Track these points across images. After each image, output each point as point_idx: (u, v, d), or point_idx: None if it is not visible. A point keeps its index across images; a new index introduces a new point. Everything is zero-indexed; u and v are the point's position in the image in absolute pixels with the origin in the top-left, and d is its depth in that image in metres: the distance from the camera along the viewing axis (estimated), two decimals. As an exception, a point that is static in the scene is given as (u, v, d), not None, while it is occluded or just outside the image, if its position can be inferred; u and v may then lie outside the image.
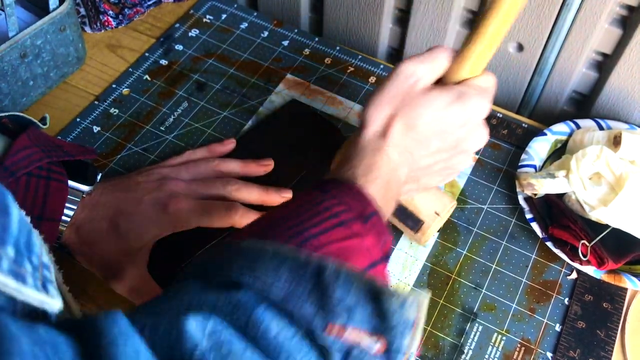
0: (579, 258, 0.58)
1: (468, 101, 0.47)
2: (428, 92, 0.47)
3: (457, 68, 0.48)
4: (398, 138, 0.46)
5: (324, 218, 0.39)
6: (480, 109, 0.48)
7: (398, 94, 0.46)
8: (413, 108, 0.46)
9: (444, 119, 0.47)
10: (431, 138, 0.47)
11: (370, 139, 0.46)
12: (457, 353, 0.56)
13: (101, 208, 0.56)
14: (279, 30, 0.80)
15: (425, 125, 0.46)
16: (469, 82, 0.48)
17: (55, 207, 0.53)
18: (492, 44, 0.48)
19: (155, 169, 0.61)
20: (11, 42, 0.65)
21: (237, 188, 0.59)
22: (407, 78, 0.47)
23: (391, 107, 0.46)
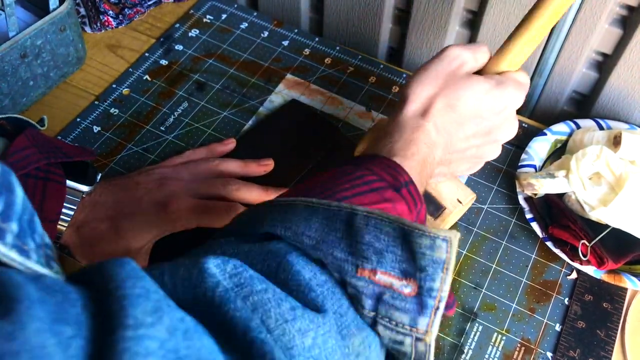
0: (579, 258, 0.58)
1: (506, 90, 0.49)
2: (470, 76, 0.49)
3: (498, 60, 0.51)
4: (438, 117, 0.47)
5: (356, 184, 0.40)
6: (516, 100, 0.50)
7: (442, 74, 0.48)
8: (455, 89, 0.47)
9: (483, 104, 0.48)
10: (468, 121, 0.48)
11: (411, 115, 0.47)
12: (457, 353, 0.56)
13: (101, 208, 0.56)
14: (279, 30, 0.80)
15: (464, 107, 0.48)
16: (507, 74, 0.50)
17: (53, 208, 0.53)
18: (535, 40, 0.50)
19: (156, 169, 0.61)
20: (11, 42, 0.65)
21: (237, 188, 0.59)
22: (452, 60, 0.49)
23: (434, 86, 0.48)
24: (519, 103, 0.51)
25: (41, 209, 0.51)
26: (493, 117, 0.49)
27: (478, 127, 0.49)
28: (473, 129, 0.49)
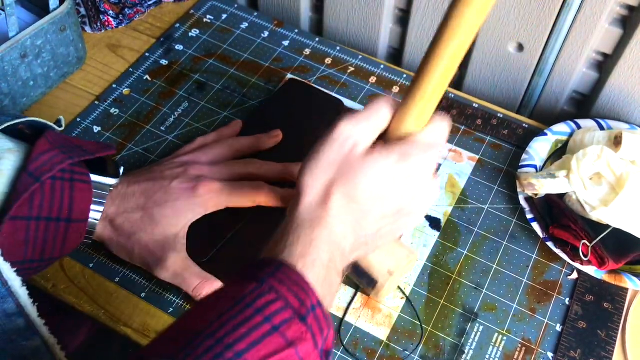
0: (579, 258, 0.58)
1: (410, 162, 0.44)
2: (368, 157, 0.43)
3: (400, 123, 0.45)
4: (338, 208, 0.43)
5: (254, 325, 0.36)
6: (425, 167, 0.45)
7: (335, 161, 0.43)
8: (352, 176, 0.43)
9: (386, 184, 0.43)
10: (373, 207, 0.44)
11: (307, 210, 0.43)
12: (457, 353, 0.56)
13: (131, 199, 0.57)
14: (279, 30, 0.80)
15: (366, 193, 0.43)
16: (412, 138, 0.45)
17: (82, 208, 0.53)
18: (435, 96, 0.44)
19: (174, 158, 0.62)
20: (11, 42, 0.65)
21: (259, 167, 0.61)
22: (344, 143, 0.43)
23: (328, 175, 0.43)
24: (430, 167, 0.45)
25: (71, 210, 0.52)
26: (401, 195, 0.45)
27: (386, 209, 0.45)
28: (380, 212, 0.44)
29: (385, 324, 0.57)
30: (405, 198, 0.45)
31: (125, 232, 0.56)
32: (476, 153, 0.69)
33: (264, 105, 0.71)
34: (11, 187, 0.49)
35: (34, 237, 0.50)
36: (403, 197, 0.45)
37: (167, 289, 0.59)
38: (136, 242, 0.56)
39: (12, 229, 0.48)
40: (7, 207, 0.48)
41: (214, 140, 0.65)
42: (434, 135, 0.45)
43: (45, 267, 0.54)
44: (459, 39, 0.41)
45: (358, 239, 0.44)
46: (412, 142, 0.44)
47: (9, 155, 0.50)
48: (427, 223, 0.64)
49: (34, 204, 0.50)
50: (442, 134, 0.46)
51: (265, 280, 0.38)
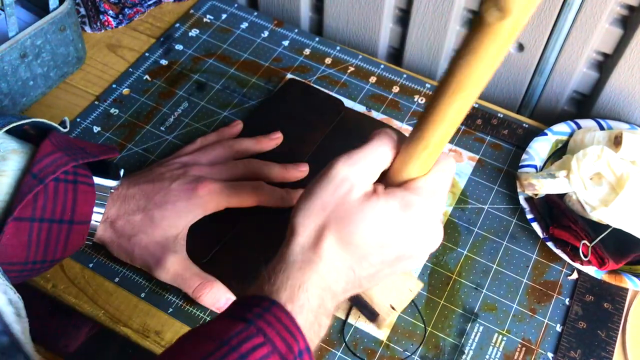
0: (579, 258, 0.58)
1: (412, 212, 0.41)
2: (365, 202, 0.40)
3: (402, 167, 0.42)
4: (331, 253, 0.40)
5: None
6: (428, 217, 0.42)
7: (329, 203, 0.40)
8: (348, 221, 0.40)
9: (385, 232, 0.41)
10: (370, 253, 0.41)
11: (298, 251, 0.41)
12: (457, 353, 0.56)
13: (131, 201, 0.57)
14: (279, 30, 0.80)
15: (362, 239, 0.40)
16: (415, 184, 0.42)
17: (85, 210, 0.54)
18: (440, 145, 0.41)
19: (174, 159, 0.62)
20: (11, 42, 0.65)
21: (259, 167, 0.61)
22: (339, 185, 0.40)
23: (322, 218, 0.40)
24: (434, 217, 0.42)
25: (73, 212, 0.52)
26: (402, 243, 0.42)
27: (384, 256, 0.42)
28: (378, 259, 0.42)
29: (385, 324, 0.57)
30: (406, 246, 0.42)
31: (125, 233, 0.56)
32: (476, 153, 0.69)
33: (264, 105, 0.71)
34: (15, 188, 0.49)
35: (36, 239, 0.50)
36: (404, 245, 0.42)
37: (167, 290, 0.59)
38: (136, 244, 0.56)
39: (15, 230, 0.48)
40: (11, 208, 0.48)
41: (214, 140, 0.65)
42: (438, 181, 0.43)
43: (47, 268, 0.54)
44: (466, 95, 0.38)
45: (352, 282, 0.42)
46: (415, 189, 0.42)
47: (13, 155, 0.50)
48: (427, 223, 0.64)
49: (37, 206, 0.50)
50: (447, 179, 0.43)
51: (254, 322, 0.37)
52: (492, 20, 0.33)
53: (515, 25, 0.34)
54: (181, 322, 0.57)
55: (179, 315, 0.57)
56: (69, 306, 0.58)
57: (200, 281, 0.55)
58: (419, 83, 0.75)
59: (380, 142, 0.42)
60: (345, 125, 0.69)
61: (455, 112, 0.39)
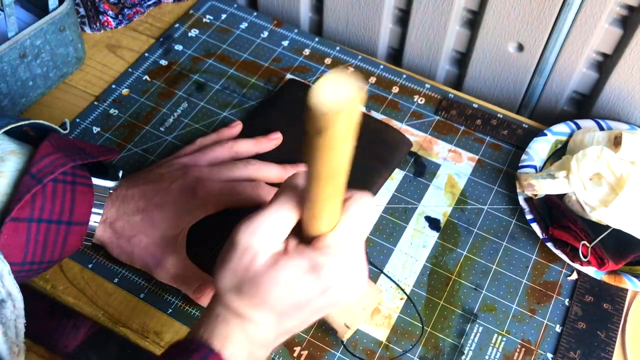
0: (579, 259, 0.58)
1: (323, 273, 0.40)
2: (273, 266, 0.40)
3: (309, 223, 0.40)
4: (251, 313, 0.41)
5: None
6: (342, 273, 0.41)
7: (237, 270, 0.40)
8: (258, 287, 0.40)
9: (298, 294, 0.40)
10: (289, 312, 0.41)
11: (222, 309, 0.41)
12: (457, 354, 0.56)
13: (131, 201, 0.57)
14: (278, 30, 0.80)
15: (277, 301, 0.40)
16: (324, 242, 0.40)
17: (84, 211, 0.53)
18: (334, 196, 0.39)
19: (173, 159, 0.62)
20: (10, 42, 0.65)
21: (258, 168, 0.61)
22: (242, 254, 0.40)
23: (234, 283, 0.40)
24: (349, 267, 0.41)
25: (72, 213, 0.52)
26: (320, 300, 0.41)
27: (305, 312, 0.42)
28: (299, 316, 0.42)
29: (385, 324, 0.57)
30: (325, 301, 0.41)
31: (125, 234, 0.56)
32: (476, 153, 0.69)
33: (264, 105, 0.71)
34: (13, 189, 0.49)
35: (34, 239, 0.50)
36: (322, 301, 0.41)
37: (166, 290, 0.59)
38: (136, 245, 0.56)
39: (13, 231, 0.48)
40: (9, 208, 0.48)
41: (213, 141, 0.65)
42: (349, 231, 0.41)
43: (45, 269, 0.54)
44: (332, 176, 0.36)
45: (281, 332, 0.43)
46: (323, 248, 0.40)
47: (11, 156, 0.50)
48: (427, 223, 0.64)
49: (36, 206, 0.50)
50: (359, 223, 0.41)
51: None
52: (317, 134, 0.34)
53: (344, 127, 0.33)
54: (180, 323, 0.57)
55: (178, 315, 0.57)
56: (69, 307, 0.58)
57: (200, 282, 0.55)
58: (419, 83, 0.75)
59: (282, 203, 0.40)
60: None
61: (330, 190, 0.38)
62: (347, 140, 0.34)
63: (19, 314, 0.46)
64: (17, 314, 0.46)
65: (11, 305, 0.46)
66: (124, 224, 0.56)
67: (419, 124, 0.71)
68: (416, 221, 0.64)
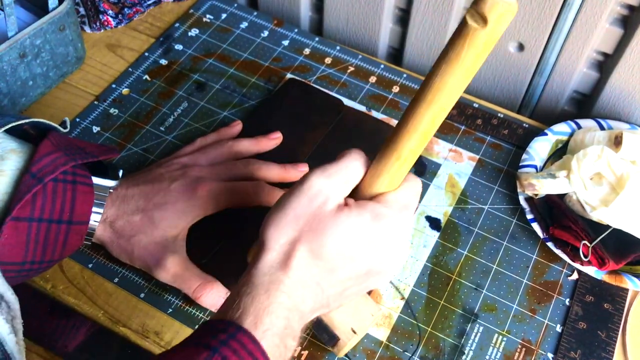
0: (579, 259, 0.58)
1: (383, 223, 0.42)
2: (338, 214, 0.41)
3: (373, 181, 0.43)
4: (301, 269, 0.40)
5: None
6: (398, 230, 0.43)
7: (303, 215, 0.41)
8: (320, 233, 0.40)
9: (356, 243, 0.41)
10: (341, 265, 0.42)
11: (266, 270, 0.41)
12: (457, 354, 0.56)
13: (131, 201, 0.57)
14: (279, 30, 0.80)
15: (333, 251, 0.41)
16: (386, 197, 0.43)
17: (84, 211, 0.53)
18: (411, 158, 0.42)
19: (173, 159, 0.62)
20: (10, 42, 0.65)
21: (258, 167, 0.61)
22: (314, 197, 0.41)
23: (295, 230, 0.40)
24: (402, 228, 0.43)
25: (72, 213, 0.52)
26: (372, 256, 0.42)
27: (353, 270, 0.42)
28: (347, 273, 0.42)
29: (385, 324, 0.57)
30: (376, 259, 0.43)
31: (125, 234, 0.56)
32: (476, 153, 0.69)
33: (264, 105, 0.71)
34: (13, 188, 0.49)
35: (34, 239, 0.50)
36: (373, 258, 0.43)
37: (166, 290, 0.58)
38: (136, 244, 0.56)
39: (13, 230, 0.48)
40: (9, 207, 0.48)
41: (213, 141, 0.65)
42: (408, 196, 0.44)
43: (45, 269, 0.54)
44: (441, 103, 0.39)
45: (320, 300, 0.42)
46: (386, 201, 0.42)
47: (12, 155, 0.50)
48: (427, 223, 0.64)
49: (36, 206, 0.49)
50: (415, 194, 0.44)
51: (218, 350, 0.37)
52: (473, 27, 0.36)
53: (491, 35, 0.37)
54: (180, 323, 0.57)
55: (178, 315, 0.57)
56: (69, 306, 0.58)
57: (200, 282, 0.55)
58: (419, 83, 0.74)
59: (353, 158, 0.43)
60: (345, 125, 0.69)
61: (429, 122, 0.40)
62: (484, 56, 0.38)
63: (15, 315, 0.46)
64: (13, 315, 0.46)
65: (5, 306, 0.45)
66: (124, 224, 0.56)
67: (419, 123, 0.71)
68: (417, 221, 0.64)
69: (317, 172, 0.42)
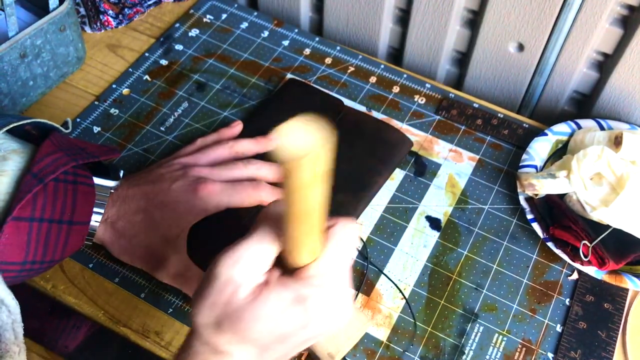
0: (580, 258, 0.58)
1: (307, 305, 0.39)
2: (254, 301, 0.38)
3: (290, 255, 0.39)
4: (233, 348, 0.39)
5: None
6: (327, 304, 0.40)
7: (218, 304, 0.38)
8: (240, 320, 0.38)
9: (282, 326, 0.39)
10: (273, 345, 0.40)
11: (199, 345, 0.40)
12: (457, 354, 0.56)
13: (132, 201, 0.57)
14: (279, 30, 0.80)
15: (259, 335, 0.39)
16: (307, 274, 0.39)
17: (85, 211, 0.53)
18: (313, 229, 0.38)
19: (173, 159, 0.62)
20: (11, 42, 0.65)
21: (258, 167, 0.61)
22: (223, 287, 0.38)
23: (214, 317, 0.39)
24: (334, 297, 0.40)
25: (73, 213, 0.52)
26: (303, 332, 0.40)
27: (288, 345, 0.40)
28: (283, 348, 0.40)
29: (385, 324, 0.57)
30: (309, 332, 0.40)
31: (126, 234, 0.56)
32: (476, 153, 0.69)
33: (264, 105, 0.71)
34: (15, 188, 0.49)
35: (35, 239, 0.50)
36: (306, 333, 0.40)
37: (166, 290, 0.58)
38: (137, 244, 0.56)
39: (14, 230, 0.48)
40: (10, 207, 0.48)
41: (214, 141, 0.65)
42: (333, 262, 0.40)
43: (46, 269, 0.54)
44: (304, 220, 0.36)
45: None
46: (306, 279, 0.39)
47: (13, 156, 0.50)
48: (427, 223, 0.64)
49: (37, 206, 0.50)
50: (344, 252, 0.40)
51: None
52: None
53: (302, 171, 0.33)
54: (181, 323, 0.57)
55: (178, 315, 0.57)
56: (69, 306, 0.58)
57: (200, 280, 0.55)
58: (419, 83, 0.75)
59: (262, 235, 0.39)
60: (345, 125, 0.69)
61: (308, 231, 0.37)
62: (316, 183, 0.34)
63: (15, 319, 0.46)
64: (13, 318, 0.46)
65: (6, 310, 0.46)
66: (124, 224, 0.56)
67: (419, 123, 0.71)
68: (417, 221, 0.64)
69: (222, 258, 0.39)
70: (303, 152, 0.31)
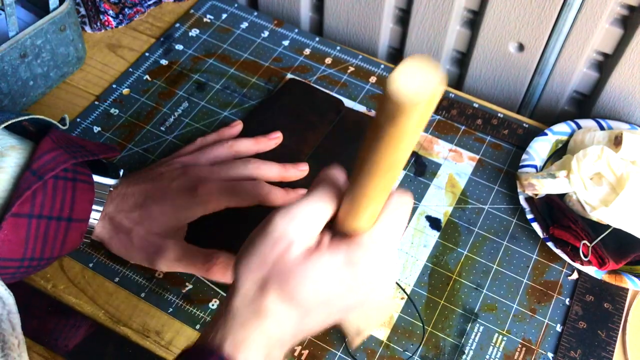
0: (579, 258, 0.58)
1: (358, 269, 0.39)
2: (305, 260, 0.38)
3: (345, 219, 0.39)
4: (274, 308, 0.39)
5: None
6: (377, 270, 0.40)
7: (268, 259, 0.38)
8: (289, 279, 0.38)
9: (330, 289, 0.39)
10: (316, 309, 0.39)
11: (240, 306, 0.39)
12: (457, 353, 0.56)
13: (130, 198, 0.57)
14: (279, 30, 0.80)
15: (306, 296, 0.38)
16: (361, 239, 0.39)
17: (84, 208, 0.54)
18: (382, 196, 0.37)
19: (173, 159, 0.62)
20: (11, 42, 0.65)
21: (258, 166, 0.61)
22: (277, 242, 0.38)
23: (262, 273, 0.38)
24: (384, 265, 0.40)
25: (72, 210, 0.52)
26: (349, 298, 0.40)
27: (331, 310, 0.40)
28: (324, 313, 0.40)
29: (385, 324, 0.57)
30: (354, 299, 0.40)
31: (123, 227, 0.56)
32: (476, 153, 0.69)
33: (264, 105, 0.71)
34: (13, 185, 0.49)
35: (34, 236, 0.50)
36: (351, 299, 0.40)
37: (167, 289, 0.59)
38: (135, 236, 0.56)
39: (13, 226, 0.48)
40: (9, 204, 0.48)
41: (214, 140, 0.65)
42: (387, 230, 0.39)
43: (44, 266, 0.54)
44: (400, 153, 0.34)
45: (300, 331, 0.41)
46: (360, 244, 0.39)
47: (12, 152, 0.50)
48: (427, 223, 0.64)
49: (36, 202, 0.50)
50: (399, 221, 0.40)
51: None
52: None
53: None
54: (181, 322, 0.57)
55: (179, 315, 0.57)
56: (69, 306, 0.58)
57: (204, 256, 0.55)
58: (419, 83, 0.75)
59: (320, 195, 0.39)
60: (345, 125, 0.69)
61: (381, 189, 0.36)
62: (418, 132, 0.32)
63: (10, 310, 0.46)
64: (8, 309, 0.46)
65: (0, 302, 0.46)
66: (122, 219, 0.56)
67: (419, 123, 0.71)
68: (417, 221, 0.64)
69: (279, 214, 0.38)
70: (420, 96, 0.28)
